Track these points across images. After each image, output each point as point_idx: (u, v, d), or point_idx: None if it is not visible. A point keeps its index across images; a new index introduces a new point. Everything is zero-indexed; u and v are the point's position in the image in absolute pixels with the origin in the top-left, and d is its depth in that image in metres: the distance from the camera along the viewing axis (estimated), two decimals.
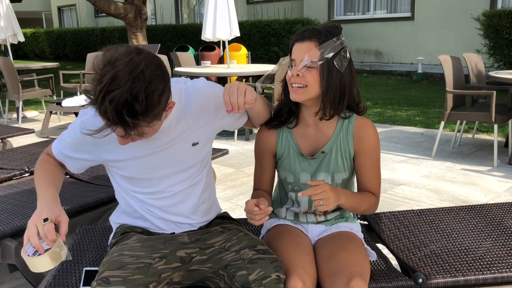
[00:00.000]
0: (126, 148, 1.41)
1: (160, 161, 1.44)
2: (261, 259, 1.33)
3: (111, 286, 1.23)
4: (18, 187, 2.45)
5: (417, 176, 3.86)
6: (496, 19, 8.14)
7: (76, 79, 10.09)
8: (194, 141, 1.48)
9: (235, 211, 3.17)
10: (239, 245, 1.41)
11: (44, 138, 5.53)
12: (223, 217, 1.66)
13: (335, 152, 1.56)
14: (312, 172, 1.58)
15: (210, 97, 1.49)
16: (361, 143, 1.55)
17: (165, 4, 17.42)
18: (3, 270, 2.48)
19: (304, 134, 1.58)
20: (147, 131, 1.25)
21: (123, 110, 1.12)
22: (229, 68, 5.89)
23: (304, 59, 1.44)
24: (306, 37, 1.45)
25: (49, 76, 6.76)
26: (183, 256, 1.42)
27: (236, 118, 1.58)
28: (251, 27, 12.18)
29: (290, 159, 1.59)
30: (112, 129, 1.19)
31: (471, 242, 1.77)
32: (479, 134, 5.18)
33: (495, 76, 4.36)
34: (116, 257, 1.34)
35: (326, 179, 1.57)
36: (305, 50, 1.44)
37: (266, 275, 1.29)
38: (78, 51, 17.71)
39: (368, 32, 12.02)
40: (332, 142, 1.56)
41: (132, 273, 1.28)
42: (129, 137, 1.23)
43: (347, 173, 1.59)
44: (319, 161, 1.57)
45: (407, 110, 6.66)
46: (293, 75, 1.46)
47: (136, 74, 1.13)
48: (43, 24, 27.15)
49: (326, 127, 1.57)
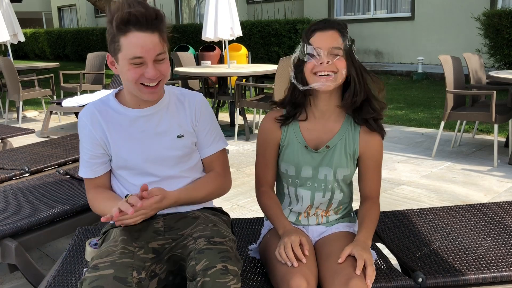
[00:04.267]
0: (119, 131, 1.53)
1: (147, 146, 1.53)
2: (209, 249, 1.30)
3: (99, 271, 1.25)
4: (18, 187, 2.45)
5: (417, 176, 3.86)
6: (496, 19, 8.14)
7: (76, 79, 10.09)
8: (180, 133, 1.56)
9: (235, 211, 3.17)
10: (199, 233, 1.41)
11: (44, 138, 5.53)
12: (212, 209, 1.67)
13: (340, 148, 1.56)
14: (315, 166, 1.58)
15: (200, 114, 1.61)
16: (368, 146, 1.57)
17: (165, 4, 17.42)
18: (3, 270, 2.48)
19: (311, 127, 1.58)
20: (165, 49, 1.42)
21: (145, 4, 1.36)
22: (229, 68, 5.89)
23: (331, 46, 1.45)
24: (328, 26, 1.48)
25: (49, 76, 6.76)
26: (155, 247, 1.46)
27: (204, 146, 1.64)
28: (251, 27, 12.18)
29: (293, 150, 1.58)
30: (146, 39, 1.37)
31: (471, 241, 1.77)
32: (479, 134, 5.18)
33: (495, 76, 4.36)
34: (105, 249, 1.38)
35: (328, 174, 1.57)
36: (330, 39, 1.46)
37: (211, 265, 1.25)
38: (78, 51, 17.71)
39: (368, 32, 12.02)
40: (338, 137, 1.56)
41: (119, 257, 1.31)
42: (155, 64, 1.41)
43: (349, 170, 1.59)
44: (323, 155, 1.57)
45: (407, 110, 6.66)
46: (323, 62, 1.45)
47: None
48: (43, 24, 27.15)
49: (333, 122, 1.57)
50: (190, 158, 1.60)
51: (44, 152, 3.11)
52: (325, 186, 1.59)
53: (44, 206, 2.16)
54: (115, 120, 1.53)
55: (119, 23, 1.36)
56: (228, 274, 1.25)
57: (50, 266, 2.48)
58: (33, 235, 2.02)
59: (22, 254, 1.94)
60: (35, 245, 2.05)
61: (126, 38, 1.37)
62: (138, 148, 1.53)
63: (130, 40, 1.37)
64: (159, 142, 1.55)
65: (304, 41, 1.50)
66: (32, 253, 2.64)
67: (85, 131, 1.54)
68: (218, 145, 1.65)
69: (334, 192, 1.61)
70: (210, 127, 1.62)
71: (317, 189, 1.60)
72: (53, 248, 2.73)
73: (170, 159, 1.56)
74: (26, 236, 1.99)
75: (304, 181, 1.60)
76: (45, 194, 2.34)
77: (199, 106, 1.60)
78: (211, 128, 1.63)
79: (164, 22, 1.40)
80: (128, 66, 1.40)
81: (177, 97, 1.61)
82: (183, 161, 1.58)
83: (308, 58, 1.48)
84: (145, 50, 1.38)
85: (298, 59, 1.52)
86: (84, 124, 1.54)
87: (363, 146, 1.57)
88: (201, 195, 1.58)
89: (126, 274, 1.25)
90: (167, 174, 1.56)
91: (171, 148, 1.55)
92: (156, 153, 1.54)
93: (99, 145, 1.54)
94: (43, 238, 2.06)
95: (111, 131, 1.53)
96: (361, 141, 1.56)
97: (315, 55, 1.46)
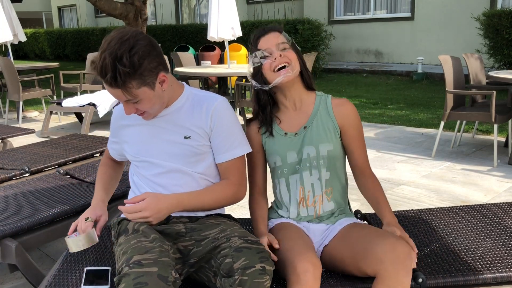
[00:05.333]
0: (131, 131, 1.66)
1: (155, 146, 1.60)
2: (247, 248, 1.34)
3: (144, 267, 1.27)
4: (18, 187, 2.45)
5: (417, 176, 3.86)
6: (496, 19, 8.14)
7: (76, 79, 10.10)
8: (187, 135, 1.59)
9: (235, 211, 3.17)
10: (230, 234, 1.44)
11: (44, 138, 5.53)
12: (223, 215, 1.69)
13: (316, 125, 1.66)
14: (298, 149, 1.66)
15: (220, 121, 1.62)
16: (344, 118, 1.66)
17: (165, 4, 17.42)
18: (3, 270, 2.48)
19: (286, 118, 1.69)
20: (142, 96, 1.45)
21: (114, 64, 1.37)
22: (229, 68, 5.89)
23: (277, 42, 1.60)
24: (268, 30, 1.63)
25: (49, 76, 6.77)
26: (181, 248, 1.50)
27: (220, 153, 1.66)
28: (251, 27, 12.16)
29: (275, 141, 1.68)
30: (111, 92, 1.44)
31: (471, 242, 1.77)
32: (479, 134, 5.18)
33: (495, 76, 4.36)
34: (137, 243, 1.39)
35: (311, 152, 1.65)
36: (273, 38, 1.61)
37: (250, 264, 1.30)
38: (79, 51, 17.71)
39: (368, 32, 12.02)
40: (313, 117, 1.67)
41: (159, 255, 1.33)
42: (129, 103, 1.47)
43: (331, 144, 1.65)
44: (302, 136, 1.66)
45: (407, 110, 6.66)
46: (276, 57, 1.58)
47: (123, 40, 1.40)
48: (43, 24, 27.16)
49: (305, 106, 1.69)
50: (201, 160, 1.61)
51: (44, 152, 3.11)
52: (310, 164, 1.65)
53: (44, 206, 2.16)
54: (132, 117, 1.66)
55: (93, 68, 1.45)
56: (265, 274, 1.30)
57: (50, 266, 2.48)
58: (33, 235, 2.02)
59: (22, 254, 1.94)
60: (35, 245, 2.05)
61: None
62: (146, 143, 1.62)
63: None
64: (167, 141, 1.60)
65: (253, 50, 1.64)
66: (32, 253, 2.64)
67: (113, 125, 1.75)
68: (235, 152, 1.62)
69: (320, 170, 1.65)
70: (227, 133, 1.61)
71: (303, 169, 1.66)
72: (53, 248, 2.73)
73: (176, 161, 1.59)
74: (26, 236, 1.99)
75: (292, 167, 1.67)
76: (45, 194, 2.34)
77: (217, 111, 1.60)
78: (229, 134, 1.61)
79: (128, 78, 1.40)
80: None
81: (197, 98, 1.64)
82: (191, 162, 1.60)
83: (262, 60, 1.61)
84: (112, 94, 1.47)
85: (254, 69, 1.64)
86: (114, 122, 1.74)
87: (339, 117, 1.66)
88: (208, 201, 1.59)
89: (168, 273, 1.29)
90: (173, 167, 1.59)
91: (176, 149, 1.59)
92: (161, 149, 1.60)
93: (116, 135, 1.74)
94: (43, 238, 2.07)
95: (129, 127, 1.66)
96: (337, 115, 1.66)
97: (267, 55, 1.60)
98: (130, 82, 1.41)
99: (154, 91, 1.47)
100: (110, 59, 1.37)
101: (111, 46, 1.39)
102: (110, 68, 1.37)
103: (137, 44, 1.40)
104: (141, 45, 1.41)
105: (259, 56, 1.61)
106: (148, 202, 1.46)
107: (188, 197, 1.55)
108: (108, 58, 1.37)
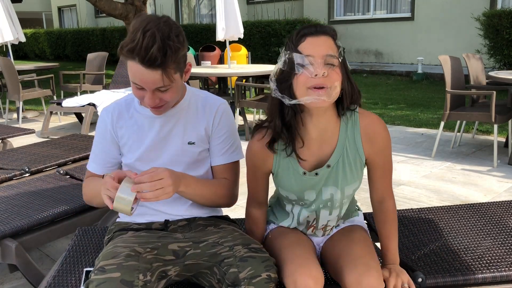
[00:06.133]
0: (134, 130, 1.56)
1: (157, 151, 1.55)
2: (252, 258, 1.33)
3: (106, 273, 1.25)
4: (18, 188, 2.46)
5: (417, 176, 3.86)
6: (496, 19, 8.14)
7: (76, 80, 10.10)
8: (191, 140, 1.55)
9: (235, 211, 3.17)
10: (233, 242, 1.42)
11: (44, 138, 5.53)
12: (221, 218, 1.67)
13: (342, 164, 1.40)
14: (318, 188, 1.43)
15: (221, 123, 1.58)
16: (373, 143, 1.39)
17: (165, 4, 17.42)
18: (3, 270, 2.48)
19: (306, 149, 1.39)
20: (174, 83, 1.38)
21: (164, 41, 1.30)
22: (229, 68, 5.89)
23: (326, 54, 1.23)
24: (321, 32, 1.26)
25: (49, 77, 6.77)
26: (176, 249, 1.44)
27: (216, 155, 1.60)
28: (251, 27, 12.18)
29: (289, 178, 1.42)
30: (146, 75, 1.33)
31: (470, 241, 1.77)
32: (479, 134, 5.18)
33: (495, 76, 4.36)
34: (111, 249, 1.37)
35: (334, 194, 1.44)
36: (323, 46, 1.24)
37: (256, 274, 1.29)
38: (79, 52, 17.71)
39: (368, 32, 12.02)
40: (338, 153, 1.39)
41: (125, 259, 1.30)
42: (156, 92, 1.37)
43: (357, 183, 1.45)
44: (325, 176, 1.41)
45: (407, 110, 6.66)
46: (318, 74, 1.22)
47: (165, 22, 1.35)
48: (43, 24, 27.15)
49: (329, 136, 1.38)
50: (200, 165, 1.59)
51: (44, 152, 3.11)
52: (331, 205, 1.46)
53: (44, 206, 2.16)
54: (133, 119, 1.56)
55: (126, 51, 1.33)
56: (271, 282, 1.30)
57: (50, 266, 2.48)
58: (33, 235, 2.02)
59: (22, 254, 1.94)
60: (35, 245, 2.05)
61: (130, 63, 1.35)
62: (147, 150, 1.54)
63: (131, 67, 1.35)
64: (169, 148, 1.55)
65: (291, 48, 1.26)
66: (32, 253, 2.64)
67: (100, 126, 1.59)
68: (232, 156, 1.60)
69: (342, 209, 1.51)
70: (226, 137, 1.59)
71: (322, 208, 1.48)
72: (53, 248, 2.73)
73: (177, 166, 1.55)
74: (26, 236, 1.99)
75: (309, 203, 1.47)
76: (45, 194, 2.34)
77: (219, 114, 1.57)
78: (228, 138, 1.59)
79: (175, 57, 1.34)
80: (132, 84, 1.41)
81: (200, 100, 1.59)
82: (192, 168, 1.57)
83: (299, 69, 1.24)
84: (144, 82, 1.36)
85: (284, 72, 1.28)
86: (102, 118, 1.58)
87: (367, 145, 1.39)
88: (207, 193, 1.53)
89: (133, 277, 1.26)
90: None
91: (179, 155, 1.55)
92: (163, 159, 1.55)
93: (107, 142, 1.58)
94: (43, 238, 2.07)
95: (127, 129, 1.56)
96: (364, 141, 1.38)
97: (307, 65, 1.23)
98: (173, 63, 1.34)
99: (182, 79, 1.43)
100: (159, 35, 1.30)
101: (155, 25, 1.32)
102: (160, 44, 1.30)
103: (176, 26, 1.37)
104: (179, 28, 1.38)
105: (297, 62, 1.24)
106: (164, 169, 1.34)
107: (193, 180, 1.48)
108: (157, 34, 1.30)
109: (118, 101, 1.61)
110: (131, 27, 1.35)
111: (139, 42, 1.30)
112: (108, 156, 1.59)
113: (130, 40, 1.32)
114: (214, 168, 1.62)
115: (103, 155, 1.59)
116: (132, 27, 1.35)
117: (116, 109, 1.58)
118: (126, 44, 1.32)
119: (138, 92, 1.40)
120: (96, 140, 1.60)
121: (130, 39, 1.32)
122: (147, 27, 1.31)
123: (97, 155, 1.60)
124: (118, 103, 1.60)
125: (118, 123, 1.56)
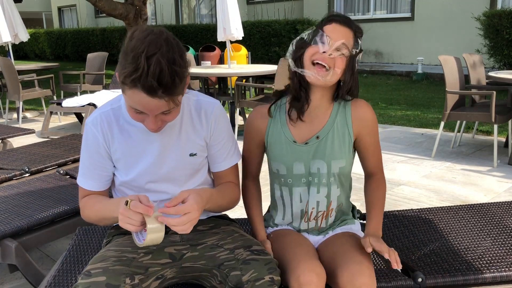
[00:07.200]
0: (127, 144, 1.43)
1: (155, 165, 1.45)
2: (255, 260, 1.33)
3: (91, 277, 1.25)
4: (18, 188, 2.46)
5: (417, 176, 3.86)
6: (496, 19, 8.14)
7: (76, 80, 10.10)
8: (192, 152, 1.48)
9: (235, 211, 3.17)
10: (233, 244, 1.41)
11: (44, 138, 5.53)
12: (221, 217, 1.65)
13: (332, 137, 1.50)
14: (306, 161, 1.52)
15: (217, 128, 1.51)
16: (362, 124, 1.52)
17: (165, 4, 17.42)
18: (3, 270, 2.48)
19: (299, 121, 1.52)
20: (178, 103, 1.28)
21: (171, 68, 1.20)
22: (229, 68, 5.89)
23: (341, 41, 1.39)
24: (347, 23, 1.43)
25: (49, 77, 6.77)
26: (172, 252, 1.43)
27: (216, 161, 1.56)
28: (251, 27, 12.17)
29: (282, 148, 1.52)
30: (150, 103, 1.22)
31: (470, 241, 1.77)
32: (479, 134, 5.18)
33: (495, 76, 4.36)
34: (102, 253, 1.37)
35: (322, 168, 1.51)
36: (344, 35, 1.41)
37: (259, 276, 1.29)
38: (79, 52, 17.71)
39: (368, 32, 11.97)
40: (329, 126, 1.51)
41: (112, 264, 1.29)
42: (159, 116, 1.28)
43: (344, 161, 1.52)
44: (314, 148, 1.51)
45: (407, 110, 6.66)
46: (326, 51, 1.38)
47: (166, 41, 1.23)
48: (43, 24, 27.16)
49: (321, 112, 1.51)
50: (199, 173, 1.54)
51: (44, 152, 3.11)
52: (319, 181, 1.53)
53: (44, 206, 2.16)
54: (125, 132, 1.43)
55: (130, 81, 1.20)
56: (274, 284, 1.30)
57: (50, 266, 2.48)
58: (33, 235, 2.02)
59: (22, 254, 1.94)
60: (35, 245, 2.05)
61: (131, 90, 1.22)
62: (145, 165, 1.44)
63: (134, 95, 1.23)
64: (169, 162, 1.46)
65: (318, 26, 1.44)
66: (32, 253, 2.64)
67: (89, 140, 1.44)
68: (232, 159, 1.56)
69: (330, 188, 1.54)
70: (225, 141, 1.53)
71: (311, 184, 1.54)
72: (53, 248, 2.73)
73: (178, 179, 1.49)
74: (26, 236, 1.99)
75: (298, 179, 1.54)
76: (45, 194, 2.34)
77: (216, 118, 1.49)
78: (227, 142, 1.53)
79: (183, 83, 1.25)
80: (129, 108, 1.29)
81: (193, 105, 1.49)
82: (192, 178, 1.52)
83: (314, 42, 1.41)
84: (147, 109, 1.25)
85: (302, 43, 1.44)
86: (90, 132, 1.44)
87: (357, 125, 1.51)
88: (222, 202, 1.50)
89: (119, 281, 1.25)
90: (176, 191, 1.47)
91: (180, 168, 1.47)
92: (163, 174, 1.46)
93: (102, 157, 1.45)
94: (43, 238, 2.07)
95: (120, 143, 1.43)
96: (354, 121, 1.51)
97: (322, 42, 1.39)
98: (181, 87, 1.24)
99: (183, 95, 1.32)
100: (164, 62, 1.18)
101: (157, 48, 1.19)
102: (167, 72, 1.18)
103: (176, 42, 1.26)
104: (179, 44, 1.27)
105: (316, 35, 1.41)
106: (195, 200, 1.27)
107: (212, 196, 1.42)
108: (162, 60, 1.18)
109: (103, 111, 1.44)
110: (128, 49, 1.21)
111: (144, 71, 1.17)
112: (105, 171, 1.47)
113: (133, 69, 1.18)
114: (217, 174, 1.58)
115: (98, 171, 1.46)
116: (129, 48, 1.21)
117: (104, 121, 1.43)
118: (129, 74, 1.19)
119: (137, 116, 1.29)
120: (87, 155, 1.45)
121: (133, 68, 1.18)
122: (149, 51, 1.18)
123: (92, 171, 1.46)
124: (105, 113, 1.44)
125: (110, 136, 1.43)
